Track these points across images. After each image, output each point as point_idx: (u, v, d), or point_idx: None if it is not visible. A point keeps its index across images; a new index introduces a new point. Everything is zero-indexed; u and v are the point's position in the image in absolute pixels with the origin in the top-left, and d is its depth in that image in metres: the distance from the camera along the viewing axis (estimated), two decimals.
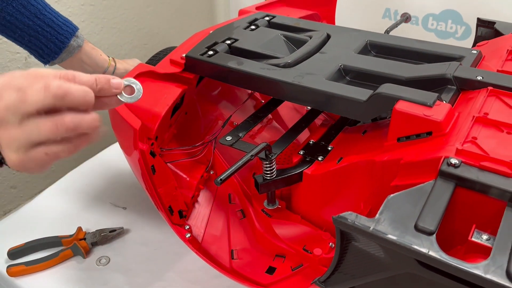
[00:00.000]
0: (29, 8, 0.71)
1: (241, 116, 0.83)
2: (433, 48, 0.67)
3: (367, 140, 0.61)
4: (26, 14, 0.71)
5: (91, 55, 0.80)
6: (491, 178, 0.43)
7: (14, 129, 0.39)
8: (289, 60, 0.66)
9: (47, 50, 0.74)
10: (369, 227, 0.41)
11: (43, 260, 0.71)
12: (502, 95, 0.54)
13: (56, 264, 0.73)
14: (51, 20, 0.73)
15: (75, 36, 0.77)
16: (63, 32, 0.74)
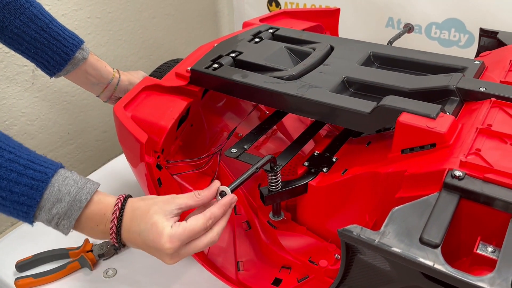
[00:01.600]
0: (36, 22, 0.72)
1: (246, 128, 0.83)
2: (436, 59, 0.68)
3: (372, 152, 0.62)
4: (33, 27, 0.72)
5: (96, 67, 0.81)
6: (496, 190, 0.44)
7: None
8: (293, 73, 0.67)
9: (52, 62, 0.75)
10: (374, 240, 0.42)
11: (51, 272, 0.72)
12: (505, 106, 0.54)
13: (64, 276, 0.73)
14: (57, 33, 0.74)
15: (80, 49, 0.78)
16: (68, 45, 0.76)
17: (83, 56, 0.78)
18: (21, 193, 0.49)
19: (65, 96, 1.38)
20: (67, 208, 0.50)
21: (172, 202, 0.51)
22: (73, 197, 0.50)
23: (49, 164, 0.51)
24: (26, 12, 0.71)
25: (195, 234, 0.50)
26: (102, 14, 1.40)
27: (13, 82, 1.26)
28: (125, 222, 0.51)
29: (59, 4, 1.27)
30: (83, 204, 0.51)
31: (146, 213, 0.50)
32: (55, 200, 0.50)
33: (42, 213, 0.50)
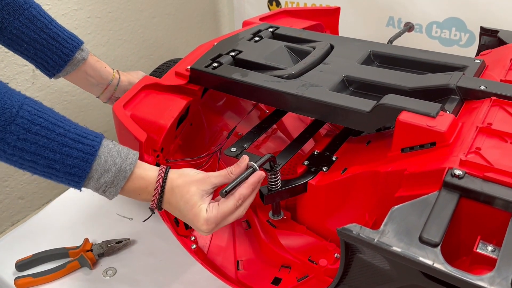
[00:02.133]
0: (35, 23, 0.72)
1: (246, 127, 0.83)
2: (436, 58, 0.68)
3: (371, 151, 0.62)
4: (32, 28, 0.72)
5: (96, 68, 0.81)
6: (496, 189, 0.43)
7: None
8: (292, 71, 0.67)
9: (52, 63, 0.75)
10: (374, 239, 0.41)
11: (50, 271, 0.71)
12: (505, 105, 0.54)
13: (63, 276, 0.73)
14: (56, 34, 0.74)
15: (79, 50, 0.78)
16: (68, 46, 0.75)
17: (83, 56, 0.78)
18: (73, 165, 0.53)
19: (65, 96, 1.38)
20: (113, 177, 0.55)
21: (208, 182, 0.56)
22: (118, 167, 0.55)
23: (94, 137, 0.55)
24: (25, 13, 0.71)
25: (227, 215, 0.55)
26: (102, 13, 1.40)
27: (13, 82, 1.26)
28: (166, 197, 0.57)
29: (59, 4, 1.27)
30: (128, 174, 0.56)
31: (185, 193, 0.56)
32: (103, 171, 0.55)
33: (91, 182, 0.55)
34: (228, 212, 0.55)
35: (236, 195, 0.55)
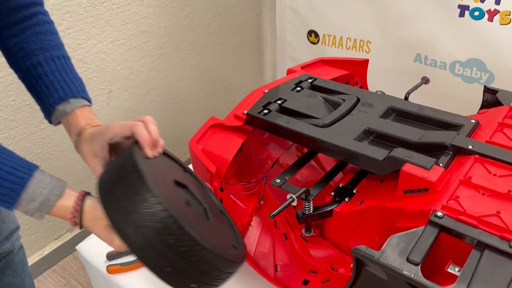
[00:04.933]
0: (37, 69, 0.73)
1: (287, 157, 1.04)
2: (440, 116, 0.86)
3: (383, 188, 0.81)
4: (33, 74, 0.73)
5: (70, 124, 0.74)
6: (464, 228, 0.62)
7: None
8: (326, 121, 0.87)
9: (43, 110, 0.75)
10: (375, 257, 0.61)
11: (134, 262, 0.94)
12: (485, 162, 0.72)
13: (141, 267, 0.95)
14: (51, 82, 0.73)
15: (65, 102, 0.73)
16: (54, 96, 0.73)
17: (65, 110, 0.73)
18: (4, 193, 0.61)
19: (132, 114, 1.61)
20: (39, 206, 0.63)
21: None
22: (44, 198, 0.62)
23: (26, 169, 0.62)
24: (33, 58, 0.73)
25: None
26: (165, 44, 1.64)
27: (93, 102, 1.48)
28: (83, 225, 0.65)
29: (132, 38, 1.51)
30: (52, 204, 0.63)
31: (98, 226, 0.64)
32: (30, 199, 0.62)
33: (20, 207, 0.63)
34: None
35: None
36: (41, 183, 0.63)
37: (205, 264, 0.57)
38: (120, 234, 0.57)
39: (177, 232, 0.54)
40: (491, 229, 0.61)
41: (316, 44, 1.86)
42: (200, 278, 0.58)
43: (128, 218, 0.56)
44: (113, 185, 0.59)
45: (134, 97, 1.59)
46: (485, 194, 0.67)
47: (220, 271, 0.59)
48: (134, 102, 1.59)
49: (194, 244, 0.55)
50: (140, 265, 0.93)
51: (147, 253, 0.55)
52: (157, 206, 0.55)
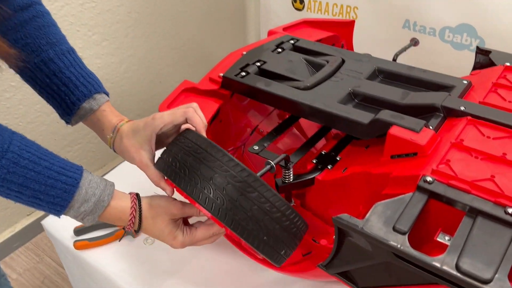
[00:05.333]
0: (49, 66, 0.68)
1: (267, 124, 0.97)
2: (431, 77, 0.80)
3: (368, 154, 0.75)
4: (45, 71, 0.68)
5: (101, 120, 0.72)
6: (455, 194, 0.57)
7: None
8: (308, 84, 0.80)
9: (61, 110, 0.71)
10: (359, 226, 0.55)
11: (102, 237, 0.88)
12: (478, 124, 0.67)
13: (112, 241, 0.89)
14: (69, 79, 0.68)
15: (91, 98, 0.70)
16: (77, 94, 0.69)
17: (91, 107, 0.70)
18: (56, 195, 0.57)
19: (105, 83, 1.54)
20: (92, 207, 0.61)
21: (179, 214, 0.66)
22: (97, 198, 0.61)
23: (76, 169, 0.60)
24: (42, 54, 0.67)
25: (200, 241, 0.68)
26: (141, 9, 1.54)
27: None
28: (142, 226, 0.66)
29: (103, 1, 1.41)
30: (106, 204, 0.62)
31: (160, 222, 0.65)
32: (83, 201, 0.60)
33: (71, 211, 0.60)
34: (200, 239, 0.67)
35: (210, 230, 0.67)
36: (93, 182, 0.61)
37: (295, 227, 0.62)
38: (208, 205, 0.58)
39: (271, 198, 0.60)
40: (485, 194, 0.56)
41: (301, 10, 1.79)
42: (289, 243, 0.63)
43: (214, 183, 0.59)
44: (186, 163, 0.61)
45: (108, 65, 1.50)
46: (478, 157, 0.61)
47: (303, 233, 0.65)
48: (108, 71, 1.50)
49: (286, 208, 0.61)
50: (109, 240, 0.87)
51: (247, 223, 0.58)
52: (244, 171, 0.60)
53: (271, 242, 0.60)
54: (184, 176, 0.60)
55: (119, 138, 0.70)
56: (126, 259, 0.86)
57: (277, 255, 0.62)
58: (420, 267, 0.52)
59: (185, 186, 0.60)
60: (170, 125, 0.67)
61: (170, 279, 0.83)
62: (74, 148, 1.52)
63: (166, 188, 0.68)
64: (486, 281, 0.48)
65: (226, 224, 0.58)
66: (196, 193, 0.59)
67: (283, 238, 0.61)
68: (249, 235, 0.59)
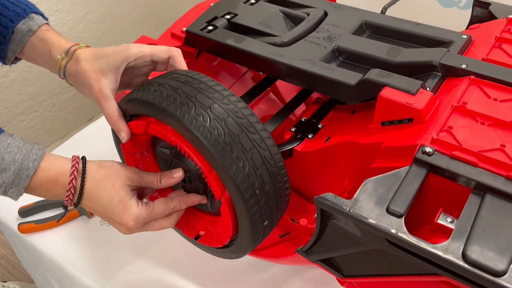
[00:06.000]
0: None
1: (240, 88, 0.86)
2: (425, 31, 0.69)
3: (355, 121, 0.65)
4: None
5: (42, 44, 0.58)
6: (460, 167, 0.48)
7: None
8: (285, 39, 0.69)
9: None
10: (346, 208, 0.46)
11: (52, 218, 0.77)
12: (483, 84, 0.57)
13: (64, 223, 0.79)
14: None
15: (27, 18, 0.57)
16: (8, 14, 0.56)
17: (30, 27, 0.57)
18: None
19: None
20: (13, 177, 0.48)
21: (136, 179, 0.54)
22: (18, 165, 0.48)
23: None
24: None
25: (157, 217, 0.55)
26: None
27: None
28: (85, 190, 0.51)
29: None
30: (31, 172, 0.49)
31: (110, 187, 0.52)
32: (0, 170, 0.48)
33: None
34: (159, 214, 0.54)
35: (170, 204, 0.55)
36: (12, 146, 0.49)
37: (285, 194, 0.55)
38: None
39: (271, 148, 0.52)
40: (495, 167, 0.47)
41: None
42: (275, 212, 0.55)
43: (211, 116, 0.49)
44: (177, 90, 0.51)
45: (63, 23, 1.35)
46: (485, 123, 0.52)
47: (285, 208, 0.58)
48: (64, 30, 1.35)
49: (282, 166, 0.54)
50: (59, 222, 0.76)
51: (244, 165, 0.49)
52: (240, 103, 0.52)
53: (261, 202, 0.51)
54: (174, 100, 0.50)
55: (74, 61, 0.56)
56: (80, 243, 0.76)
57: (260, 220, 0.52)
58: (419, 255, 0.44)
59: (174, 109, 0.49)
60: (148, 58, 0.56)
61: (130, 264, 0.74)
62: (29, 117, 1.38)
63: (123, 129, 0.55)
64: (499, 273, 0.40)
65: (221, 160, 0.48)
66: (190, 118, 0.48)
67: (272, 202, 0.52)
68: (243, 181, 0.49)
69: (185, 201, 0.57)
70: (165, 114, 0.50)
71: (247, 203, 0.50)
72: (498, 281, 0.39)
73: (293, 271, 0.73)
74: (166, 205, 0.55)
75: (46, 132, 1.46)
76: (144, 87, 0.53)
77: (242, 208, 0.50)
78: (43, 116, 1.42)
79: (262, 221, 0.52)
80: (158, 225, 0.56)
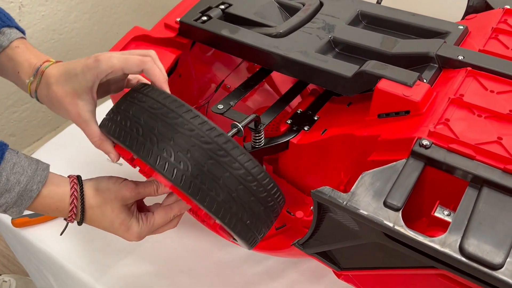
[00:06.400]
0: None
1: (234, 79, 0.85)
2: (422, 22, 0.69)
3: (351, 113, 0.65)
4: None
5: (14, 59, 0.56)
6: (457, 160, 0.47)
7: None
8: (280, 30, 0.68)
9: None
10: (343, 202, 0.46)
11: None
12: (479, 76, 0.57)
13: (57, 217, 0.78)
14: None
15: None
16: None
17: (0, 43, 0.55)
18: None
19: (52, 34, 1.36)
20: (16, 198, 0.49)
21: (133, 196, 0.55)
22: (23, 187, 0.48)
23: None
24: None
25: (158, 227, 0.57)
26: None
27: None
28: (86, 216, 0.54)
29: None
30: (34, 194, 0.50)
31: (110, 212, 0.53)
32: (3, 191, 0.48)
33: None
34: (160, 224, 0.56)
35: (170, 213, 0.56)
36: (18, 167, 0.48)
37: (272, 200, 0.52)
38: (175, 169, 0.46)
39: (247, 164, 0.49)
40: (492, 159, 0.47)
41: None
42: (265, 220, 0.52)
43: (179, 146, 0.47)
44: (139, 120, 0.49)
45: (54, 13, 1.32)
46: (482, 115, 0.52)
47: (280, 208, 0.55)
48: (55, 20, 1.33)
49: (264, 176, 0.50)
50: (51, 217, 0.75)
51: (217, 194, 0.47)
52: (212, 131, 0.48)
53: (245, 218, 0.49)
54: (137, 136, 0.48)
55: (44, 84, 0.54)
56: (75, 237, 0.75)
57: (252, 234, 0.51)
58: (416, 249, 0.44)
59: (138, 148, 0.48)
60: (120, 72, 0.53)
61: (125, 258, 0.73)
62: (21, 109, 1.36)
63: (110, 151, 0.55)
64: (496, 267, 0.40)
65: (191, 195, 0.46)
66: (153, 156, 0.47)
67: (259, 214, 0.50)
68: (219, 209, 0.47)
69: (184, 207, 0.57)
70: (131, 151, 0.49)
71: (229, 225, 0.48)
72: (495, 274, 0.39)
73: (289, 263, 0.73)
74: (166, 215, 0.56)
75: (38, 124, 1.44)
76: (109, 114, 0.53)
77: (229, 228, 0.50)
78: (35, 108, 1.41)
79: (252, 232, 0.51)
80: (161, 230, 0.58)
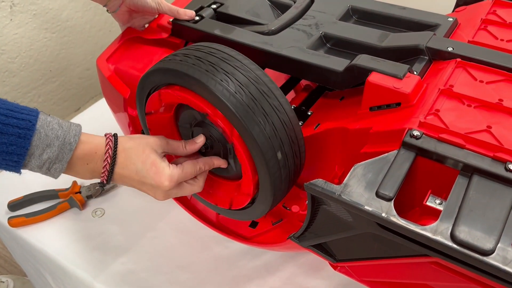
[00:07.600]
0: None
1: None
2: (412, 15, 0.70)
3: (344, 107, 0.65)
4: None
5: None
6: (448, 149, 0.48)
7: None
8: (272, 27, 0.69)
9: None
10: (335, 193, 0.47)
11: (42, 212, 0.77)
12: (469, 66, 0.58)
13: (54, 216, 0.78)
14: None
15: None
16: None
17: None
18: (9, 142, 0.48)
19: (45, 33, 1.36)
20: (58, 152, 0.50)
21: (164, 145, 0.57)
22: (62, 140, 0.50)
23: (28, 111, 0.49)
24: None
25: (188, 177, 0.57)
26: None
27: None
28: (119, 160, 0.54)
29: None
30: (73, 146, 0.51)
31: (141, 152, 0.55)
32: (45, 146, 0.49)
33: (33, 160, 0.50)
34: (190, 174, 0.56)
35: (197, 164, 0.57)
36: (53, 123, 0.51)
37: (299, 160, 0.58)
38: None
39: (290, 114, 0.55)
40: (481, 148, 0.48)
41: None
42: (288, 181, 0.58)
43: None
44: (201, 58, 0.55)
45: (45, 12, 1.32)
46: (472, 105, 0.53)
47: (298, 175, 0.60)
48: (47, 18, 1.32)
49: (299, 129, 0.57)
50: (49, 215, 0.76)
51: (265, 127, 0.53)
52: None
53: (281, 162, 0.55)
54: (199, 68, 0.53)
55: None
56: (72, 235, 0.76)
57: (278, 175, 0.55)
58: (409, 237, 0.44)
59: (199, 75, 0.52)
60: None
61: (123, 255, 0.74)
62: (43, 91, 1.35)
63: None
64: (487, 252, 0.41)
65: (245, 122, 0.51)
66: (212, 82, 0.52)
67: (290, 163, 0.56)
68: (264, 142, 0.52)
69: (208, 163, 0.59)
70: (192, 81, 0.53)
71: (265, 158, 0.52)
72: (486, 260, 0.40)
73: (286, 256, 0.74)
74: (194, 165, 0.58)
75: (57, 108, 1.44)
76: (170, 58, 0.56)
77: (264, 169, 0.54)
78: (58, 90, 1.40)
79: (281, 180, 0.56)
80: (190, 188, 0.58)
